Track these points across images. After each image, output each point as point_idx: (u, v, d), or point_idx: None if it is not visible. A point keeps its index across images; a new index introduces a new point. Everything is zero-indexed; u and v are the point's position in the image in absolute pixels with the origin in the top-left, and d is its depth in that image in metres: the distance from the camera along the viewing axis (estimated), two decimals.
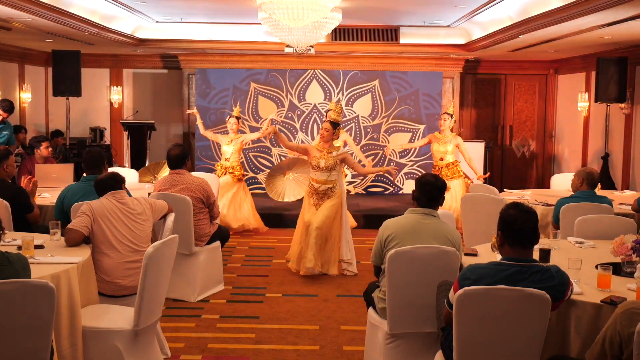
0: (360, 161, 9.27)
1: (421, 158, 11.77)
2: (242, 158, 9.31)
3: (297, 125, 11.72)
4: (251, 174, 11.71)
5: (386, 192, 11.78)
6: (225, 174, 8.95)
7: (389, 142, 11.56)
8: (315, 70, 11.70)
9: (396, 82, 11.69)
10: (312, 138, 11.59)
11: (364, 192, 11.75)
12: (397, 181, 11.74)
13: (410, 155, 11.78)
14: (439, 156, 8.98)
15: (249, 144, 10.67)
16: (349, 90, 11.69)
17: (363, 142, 11.61)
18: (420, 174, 11.40)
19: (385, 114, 11.71)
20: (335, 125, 6.92)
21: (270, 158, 11.68)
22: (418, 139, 11.51)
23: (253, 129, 11.62)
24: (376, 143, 11.70)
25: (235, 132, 8.99)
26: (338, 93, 11.66)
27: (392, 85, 11.67)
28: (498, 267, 3.31)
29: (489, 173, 9.38)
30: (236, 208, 8.98)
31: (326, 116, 7.16)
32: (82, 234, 4.51)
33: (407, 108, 11.70)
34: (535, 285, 3.21)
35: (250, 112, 11.67)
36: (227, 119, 9.28)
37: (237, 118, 9.01)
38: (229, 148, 9.00)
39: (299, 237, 7.00)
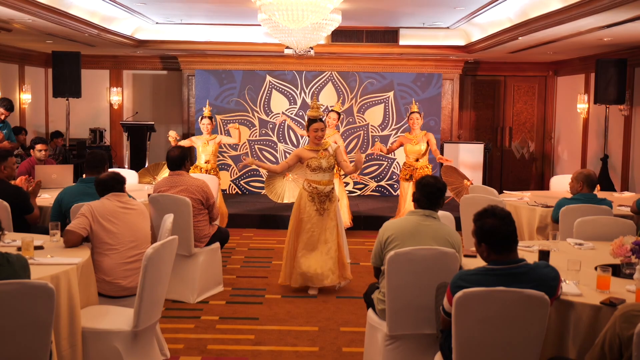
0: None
1: (401, 124, 11.72)
2: (218, 159, 9.08)
3: (274, 138, 11.75)
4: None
5: (380, 169, 11.80)
6: None
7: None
8: (272, 81, 11.76)
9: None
10: (293, 144, 11.63)
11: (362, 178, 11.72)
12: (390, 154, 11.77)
13: (389, 125, 11.74)
14: (414, 157, 8.66)
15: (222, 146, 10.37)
16: (309, 87, 11.72)
17: (342, 129, 11.55)
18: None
19: (352, 96, 11.75)
20: (322, 120, 6.51)
21: (262, 178, 11.63)
22: (390, 106, 11.69)
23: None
24: (354, 126, 11.75)
25: (209, 132, 8.81)
26: (300, 93, 11.70)
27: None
28: (489, 272, 3.30)
29: (451, 160, 9.12)
30: None
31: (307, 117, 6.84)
32: (81, 235, 4.51)
33: (370, 81, 11.76)
34: (528, 285, 3.22)
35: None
36: (199, 120, 9.12)
37: (210, 118, 8.92)
38: (207, 149, 8.79)
39: (300, 251, 6.38)
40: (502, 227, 3.30)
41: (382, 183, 11.83)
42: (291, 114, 11.60)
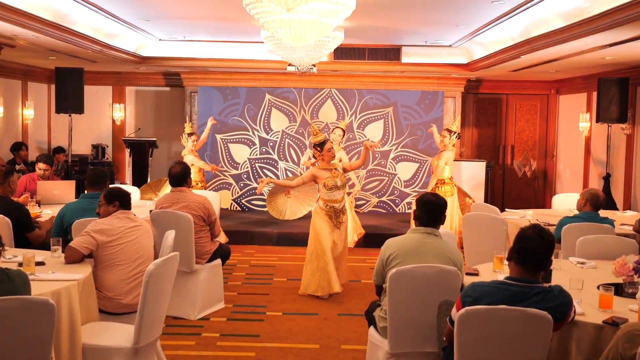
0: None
1: (401, 139, 11.82)
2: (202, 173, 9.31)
3: (275, 156, 11.76)
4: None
5: (382, 184, 11.85)
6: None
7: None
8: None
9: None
10: (293, 162, 11.68)
11: (364, 193, 11.74)
12: (389, 168, 11.83)
13: (389, 141, 11.83)
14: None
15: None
16: (308, 104, 11.79)
17: (342, 145, 11.49)
18: (408, 154, 11.55)
19: (351, 112, 11.79)
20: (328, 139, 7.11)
21: (263, 197, 11.62)
22: (390, 122, 11.77)
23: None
24: (355, 142, 11.74)
25: (196, 149, 9.01)
26: (300, 110, 11.71)
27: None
28: (500, 286, 3.30)
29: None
30: None
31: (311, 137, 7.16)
32: (82, 254, 4.50)
33: (371, 96, 11.81)
34: (537, 306, 3.19)
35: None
36: (183, 138, 9.22)
37: (190, 134, 9.02)
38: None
39: (324, 264, 6.81)
40: (533, 240, 3.30)
41: (384, 199, 11.83)
42: (291, 131, 11.63)
